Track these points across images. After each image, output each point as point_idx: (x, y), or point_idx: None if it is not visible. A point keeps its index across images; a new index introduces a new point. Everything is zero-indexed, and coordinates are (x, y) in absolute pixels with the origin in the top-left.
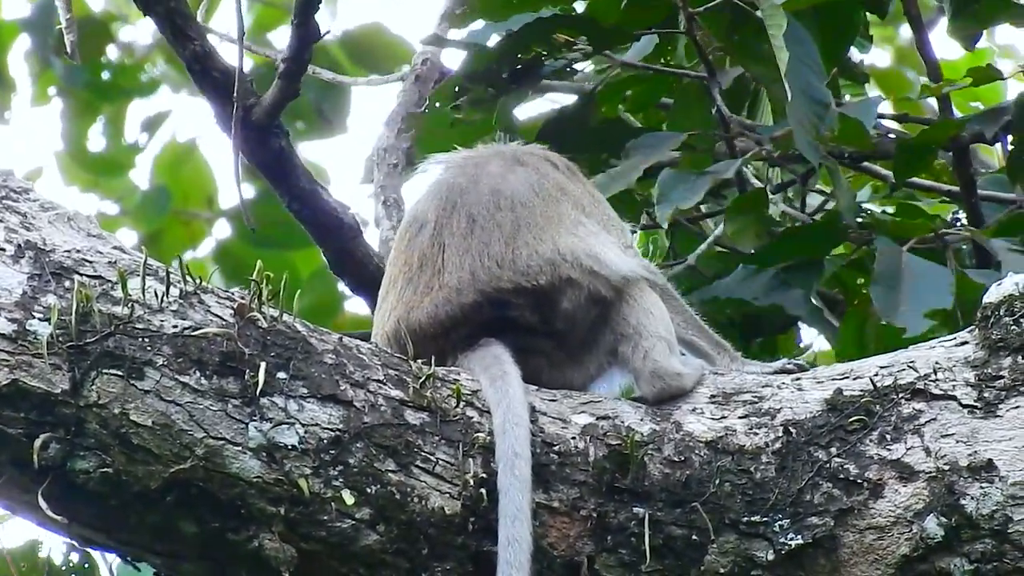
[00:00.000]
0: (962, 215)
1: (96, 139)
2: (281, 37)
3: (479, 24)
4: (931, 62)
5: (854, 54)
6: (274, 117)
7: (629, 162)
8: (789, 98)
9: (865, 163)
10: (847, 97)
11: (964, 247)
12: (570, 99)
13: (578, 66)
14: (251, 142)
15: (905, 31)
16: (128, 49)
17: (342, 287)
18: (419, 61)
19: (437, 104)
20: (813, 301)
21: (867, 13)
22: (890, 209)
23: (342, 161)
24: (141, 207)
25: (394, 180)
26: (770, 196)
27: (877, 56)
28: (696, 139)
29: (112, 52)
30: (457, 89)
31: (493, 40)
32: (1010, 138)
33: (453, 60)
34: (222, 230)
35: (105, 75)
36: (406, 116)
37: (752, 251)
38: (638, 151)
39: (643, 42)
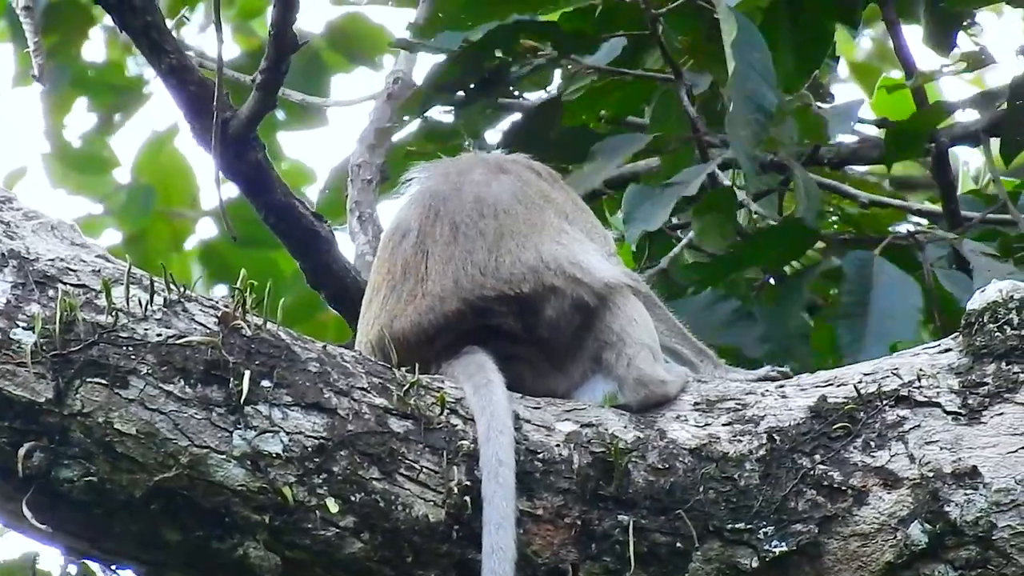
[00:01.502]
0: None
1: (73, 127)
2: (264, 26)
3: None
4: (909, 66)
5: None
6: (251, 129)
7: (594, 164)
8: (731, 105)
9: (831, 181)
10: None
11: (942, 251)
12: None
13: (545, 73)
14: (228, 155)
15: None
16: (112, 33)
17: None
18: (391, 79)
19: (405, 117)
20: (783, 336)
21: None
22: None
23: (330, 161)
24: (126, 207)
25: (368, 195)
26: (738, 196)
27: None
28: (661, 141)
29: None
30: (424, 101)
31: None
32: (994, 140)
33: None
34: (206, 229)
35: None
36: (378, 132)
37: (720, 252)
38: (603, 154)
39: (609, 46)
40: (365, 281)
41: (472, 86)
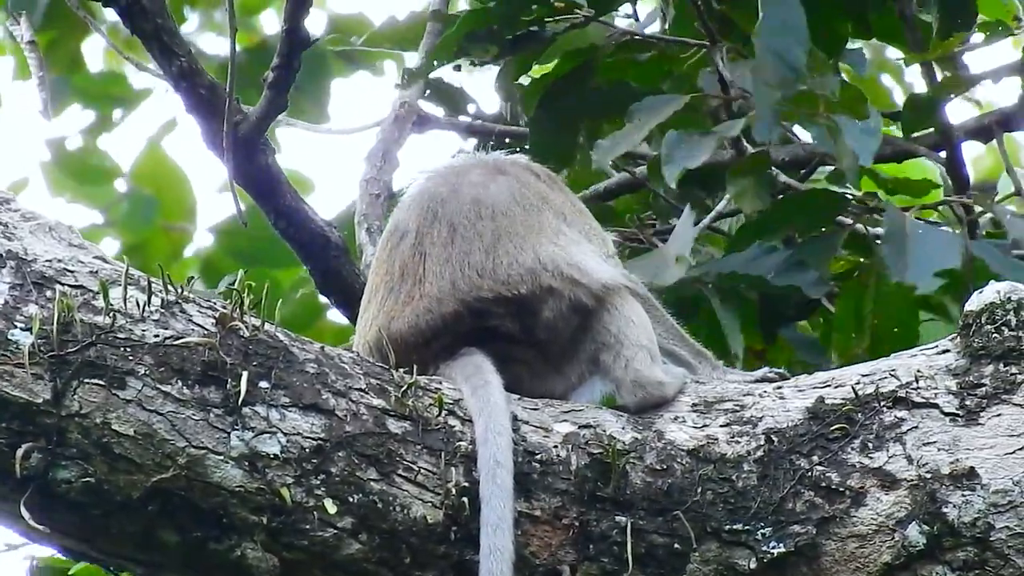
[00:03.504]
0: None
1: (73, 127)
2: (267, 21)
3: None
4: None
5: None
6: (261, 132)
7: (633, 124)
8: (756, 62)
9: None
10: None
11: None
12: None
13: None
14: (237, 158)
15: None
16: (112, 32)
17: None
18: (398, 103)
19: (435, 63)
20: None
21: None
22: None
23: (325, 169)
24: (127, 217)
25: (376, 209)
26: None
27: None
28: (698, 100)
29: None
30: (457, 49)
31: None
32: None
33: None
34: (204, 241)
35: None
36: (385, 152)
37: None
38: (641, 113)
39: (645, 16)
40: None
41: (509, 39)
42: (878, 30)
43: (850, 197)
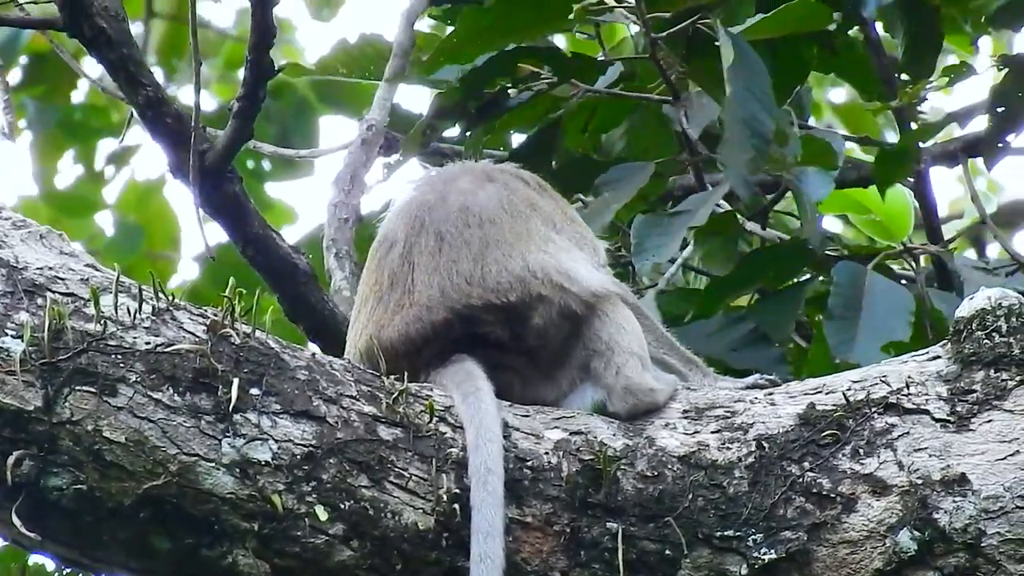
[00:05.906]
0: None
1: (64, 174)
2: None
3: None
4: (891, 85)
5: None
6: (228, 161)
7: (601, 199)
8: (726, 133)
9: None
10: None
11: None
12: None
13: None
14: (205, 188)
15: None
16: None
17: None
18: (365, 127)
19: (409, 156)
20: (789, 351)
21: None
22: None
23: (310, 197)
24: (112, 245)
25: (345, 234)
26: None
27: (835, 93)
28: (665, 167)
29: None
30: (427, 131)
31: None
32: (971, 161)
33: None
34: (189, 271)
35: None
36: (353, 176)
37: (721, 274)
38: (608, 186)
39: (609, 73)
40: (343, 314)
41: (472, 111)
42: (841, 66)
43: (815, 249)
